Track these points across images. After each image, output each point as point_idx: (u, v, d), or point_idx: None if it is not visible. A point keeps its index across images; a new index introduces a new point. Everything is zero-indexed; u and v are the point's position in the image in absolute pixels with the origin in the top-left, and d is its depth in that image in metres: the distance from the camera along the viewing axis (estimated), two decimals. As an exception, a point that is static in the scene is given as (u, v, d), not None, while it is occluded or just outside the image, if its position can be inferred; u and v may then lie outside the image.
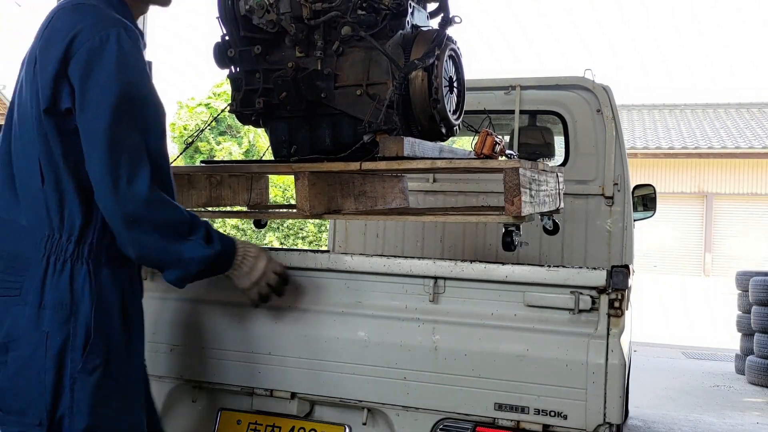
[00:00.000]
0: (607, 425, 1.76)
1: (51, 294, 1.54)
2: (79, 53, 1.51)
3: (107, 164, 1.51)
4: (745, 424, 5.28)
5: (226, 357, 2.09)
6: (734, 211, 20.41)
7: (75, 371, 1.52)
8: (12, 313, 1.55)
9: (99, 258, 1.59)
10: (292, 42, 2.30)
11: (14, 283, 1.56)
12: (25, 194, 1.60)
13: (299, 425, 2.07)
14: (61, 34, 1.54)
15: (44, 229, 1.57)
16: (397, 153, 2.06)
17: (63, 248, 1.56)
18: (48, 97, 1.54)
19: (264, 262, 1.82)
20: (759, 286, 6.74)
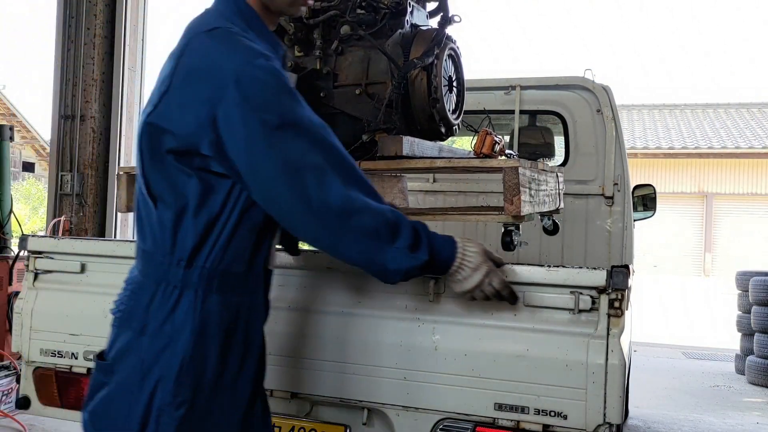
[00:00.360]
0: (607, 425, 1.75)
1: (153, 320, 1.47)
2: (229, 96, 1.38)
3: (293, 192, 1.42)
4: (745, 424, 5.28)
5: (224, 357, 2.08)
6: (734, 211, 20.43)
7: (164, 404, 1.44)
8: (121, 337, 1.51)
9: (210, 285, 1.49)
10: (291, 41, 2.29)
11: (128, 306, 1.52)
12: (146, 217, 1.54)
13: (299, 425, 2.06)
14: (201, 73, 1.42)
15: (158, 253, 1.50)
16: (396, 152, 2.05)
17: (173, 274, 1.48)
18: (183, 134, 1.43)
19: (481, 275, 1.63)
20: (759, 286, 6.74)
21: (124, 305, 1.54)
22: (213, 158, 1.43)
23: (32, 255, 2.34)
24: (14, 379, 4.44)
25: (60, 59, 6.02)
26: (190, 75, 1.43)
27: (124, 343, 1.50)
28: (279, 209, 1.46)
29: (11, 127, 5.41)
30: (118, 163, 6.01)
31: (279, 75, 1.44)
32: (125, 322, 1.51)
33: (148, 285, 1.50)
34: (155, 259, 1.50)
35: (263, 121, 1.39)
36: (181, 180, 1.46)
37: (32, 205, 20.60)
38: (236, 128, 1.39)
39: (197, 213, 1.46)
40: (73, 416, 2.33)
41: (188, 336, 1.46)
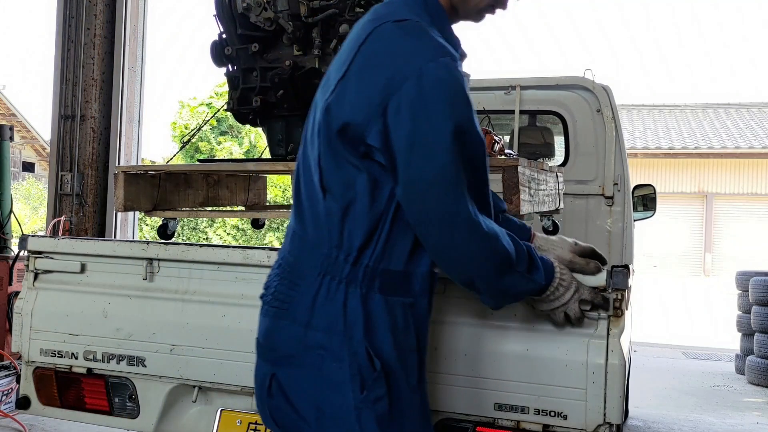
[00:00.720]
0: (607, 425, 1.75)
1: (321, 316, 1.42)
2: (406, 88, 1.33)
3: (439, 200, 1.38)
4: (745, 424, 5.27)
5: (226, 357, 2.08)
6: (734, 211, 20.44)
7: (358, 401, 1.40)
8: (280, 327, 1.47)
9: (372, 283, 1.44)
10: (289, 40, 2.29)
11: (285, 296, 1.48)
12: (309, 205, 1.49)
13: (298, 425, 2.06)
14: (384, 60, 1.37)
15: (323, 245, 1.45)
16: (396, 151, 2.04)
17: (339, 268, 1.43)
18: (355, 121, 1.38)
19: (570, 293, 1.63)
20: (759, 286, 6.73)
21: (281, 294, 1.49)
22: (378, 149, 1.38)
23: (32, 255, 2.34)
24: (14, 379, 4.44)
25: (60, 59, 6.02)
26: (371, 61, 1.38)
27: (290, 335, 1.45)
28: (419, 213, 1.41)
29: (11, 127, 5.41)
30: (118, 163, 6.01)
31: (461, 79, 1.39)
32: (285, 312, 1.47)
33: (310, 276, 1.45)
34: (320, 250, 1.45)
35: (433, 122, 1.35)
36: (351, 173, 1.41)
37: (32, 205, 20.60)
38: (404, 122, 1.35)
39: (367, 209, 1.42)
40: (73, 416, 2.33)
41: (362, 332, 1.41)
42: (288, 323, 1.46)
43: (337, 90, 1.40)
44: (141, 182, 2.44)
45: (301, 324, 1.44)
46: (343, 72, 1.41)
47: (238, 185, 2.69)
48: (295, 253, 1.50)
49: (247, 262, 2.08)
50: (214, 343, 2.09)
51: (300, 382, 1.44)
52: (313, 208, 1.47)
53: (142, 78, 6.34)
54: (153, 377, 2.17)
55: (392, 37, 1.39)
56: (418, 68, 1.33)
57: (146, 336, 2.16)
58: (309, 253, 1.47)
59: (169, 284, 2.17)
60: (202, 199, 2.51)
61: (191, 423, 2.19)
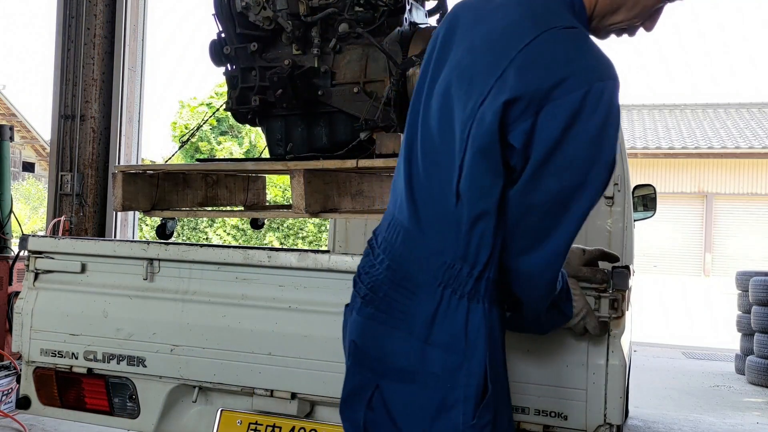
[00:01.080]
0: (607, 425, 1.75)
1: (442, 332, 1.33)
2: (570, 99, 1.24)
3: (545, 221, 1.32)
4: (745, 424, 5.27)
5: (226, 357, 2.08)
6: (734, 211, 20.43)
7: (467, 426, 1.31)
8: (392, 337, 1.37)
9: (492, 296, 1.36)
10: (288, 39, 2.29)
11: (400, 305, 1.37)
12: (431, 210, 1.38)
13: (299, 425, 2.06)
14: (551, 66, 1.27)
15: (446, 254, 1.35)
16: (394, 150, 2.05)
17: (462, 282, 1.34)
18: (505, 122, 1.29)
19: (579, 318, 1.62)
20: (759, 286, 6.73)
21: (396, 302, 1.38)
22: (517, 151, 1.29)
23: (32, 255, 2.34)
24: (14, 379, 4.44)
25: (60, 59, 6.02)
26: (536, 64, 1.28)
27: (405, 348, 1.35)
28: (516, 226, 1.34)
29: (11, 127, 5.41)
30: (117, 163, 6.00)
31: (619, 106, 1.31)
32: (400, 322, 1.36)
33: (428, 286, 1.35)
34: (440, 258, 1.35)
35: (579, 141, 1.26)
36: (490, 180, 1.32)
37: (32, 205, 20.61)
38: (554, 129, 1.26)
39: (498, 222, 1.33)
40: (73, 416, 2.33)
41: (482, 353, 1.33)
42: (404, 335, 1.35)
43: (494, 91, 1.29)
44: (139, 182, 2.44)
45: (419, 339, 1.34)
46: (500, 72, 1.29)
47: (237, 185, 2.69)
48: (408, 257, 1.39)
49: (247, 262, 2.08)
50: (214, 343, 2.09)
51: (409, 400, 1.35)
52: (438, 211, 1.37)
53: (142, 78, 6.33)
54: (153, 377, 2.17)
55: (563, 45, 1.30)
56: (587, 84, 1.25)
57: (146, 336, 2.16)
58: (427, 260, 1.36)
59: (170, 284, 2.17)
60: (200, 199, 2.50)
61: (191, 423, 2.19)
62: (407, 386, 1.35)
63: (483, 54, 1.35)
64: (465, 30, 1.42)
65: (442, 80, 1.40)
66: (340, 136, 2.30)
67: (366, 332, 1.40)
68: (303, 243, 14.67)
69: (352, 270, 1.98)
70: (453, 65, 1.39)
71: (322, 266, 2.03)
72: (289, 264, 2.03)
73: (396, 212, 1.44)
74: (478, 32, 1.38)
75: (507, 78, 1.28)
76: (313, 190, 2.12)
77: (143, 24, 6.32)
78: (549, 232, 1.32)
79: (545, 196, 1.30)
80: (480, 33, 1.38)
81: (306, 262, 2.04)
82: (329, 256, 2.04)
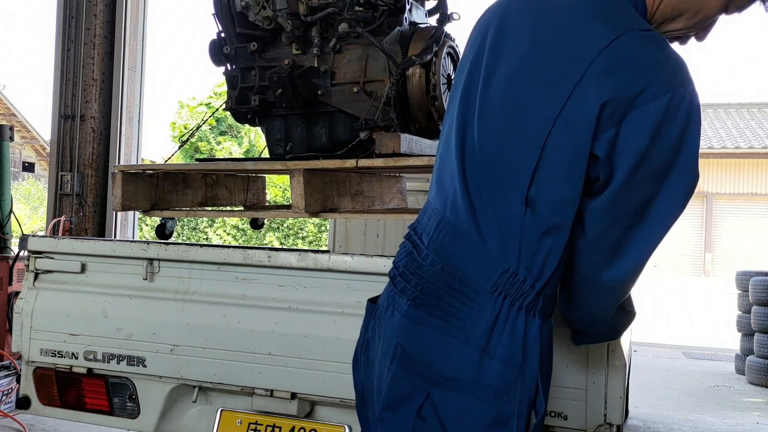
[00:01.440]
0: (607, 426, 1.75)
1: (500, 344, 1.27)
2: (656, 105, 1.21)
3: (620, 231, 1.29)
4: (745, 424, 5.27)
5: (226, 357, 2.08)
6: (734, 211, 20.42)
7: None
8: (446, 345, 1.29)
9: (547, 312, 1.33)
10: (288, 39, 2.29)
11: (456, 311, 1.30)
12: (492, 215, 1.30)
13: (299, 425, 2.06)
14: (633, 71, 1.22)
15: (509, 262, 1.28)
16: (394, 150, 2.05)
17: (524, 293, 1.28)
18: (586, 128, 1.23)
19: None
20: (759, 286, 6.73)
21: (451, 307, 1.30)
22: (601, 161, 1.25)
23: (32, 255, 2.34)
24: (14, 379, 4.44)
25: (60, 59, 6.02)
26: (616, 70, 1.23)
27: (461, 357, 1.28)
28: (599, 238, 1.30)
29: (11, 127, 5.40)
30: (117, 163, 6.00)
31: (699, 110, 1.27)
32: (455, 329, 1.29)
33: (486, 293, 1.28)
34: (501, 266, 1.28)
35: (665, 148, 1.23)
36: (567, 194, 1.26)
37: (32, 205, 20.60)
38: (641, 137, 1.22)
39: (568, 236, 1.29)
40: (73, 416, 2.33)
41: (535, 368, 1.29)
42: (459, 343, 1.28)
43: (574, 97, 1.24)
44: (139, 182, 2.44)
45: (476, 348, 1.27)
46: (579, 77, 1.24)
47: (236, 185, 2.69)
48: (466, 262, 1.31)
49: (247, 263, 2.08)
50: (214, 343, 2.09)
51: (463, 411, 1.28)
52: (501, 218, 1.29)
53: (142, 78, 6.33)
54: (153, 377, 2.17)
55: (643, 50, 1.25)
56: (671, 89, 1.21)
57: (146, 336, 2.16)
58: (487, 267, 1.29)
59: (170, 284, 2.17)
60: (200, 199, 2.50)
61: (191, 423, 2.19)
62: (461, 397, 1.28)
63: (555, 53, 1.29)
64: (523, 22, 1.35)
65: (504, 75, 1.33)
66: (340, 135, 2.30)
67: (415, 337, 1.33)
68: (303, 243, 14.67)
69: (352, 270, 1.99)
70: (517, 60, 1.32)
71: (322, 266, 2.02)
72: (289, 264, 2.03)
73: (447, 213, 1.36)
74: (543, 28, 1.32)
75: (589, 83, 1.23)
76: (312, 190, 2.12)
77: (143, 24, 6.32)
78: (634, 242, 1.29)
79: (632, 207, 1.26)
80: (545, 29, 1.32)
81: (306, 262, 2.04)
82: (329, 256, 2.04)
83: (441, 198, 1.39)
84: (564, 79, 1.25)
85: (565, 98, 1.24)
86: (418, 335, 1.32)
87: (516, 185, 1.27)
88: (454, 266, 1.31)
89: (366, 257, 2.03)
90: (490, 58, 1.36)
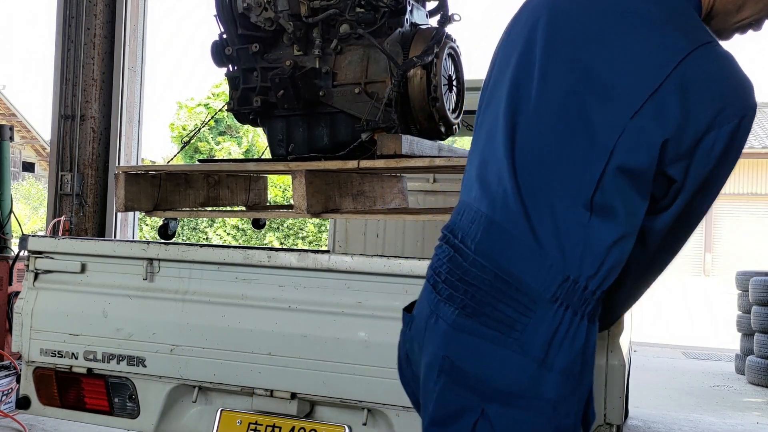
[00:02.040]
0: (607, 425, 1.75)
1: (561, 354, 1.20)
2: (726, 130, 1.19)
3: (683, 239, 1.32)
4: (745, 424, 5.27)
5: (226, 357, 2.08)
6: (734, 211, 20.42)
7: None
8: (501, 357, 1.22)
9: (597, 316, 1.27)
10: (290, 40, 2.29)
11: (511, 320, 1.22)
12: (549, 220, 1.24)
13: (299, 425, 2.06)
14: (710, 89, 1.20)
15: (569, 269, 1.22)
16: (395, 151, 2.05)
17: (583, 301, 1.22)
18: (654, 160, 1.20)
19: None
20: (759, 286, 6.73)
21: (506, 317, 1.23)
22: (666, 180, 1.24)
23: (32, 255, 2.34)
24: (14, 379, 4.44)
25: (60, 59, 6.02)
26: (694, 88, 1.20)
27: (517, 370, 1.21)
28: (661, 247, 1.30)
29: (11, 127, 5.40)
30: (118, 163, 6.00)
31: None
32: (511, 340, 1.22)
33: (545, 302, 1.21)
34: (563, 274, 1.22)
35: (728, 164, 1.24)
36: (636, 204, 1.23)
37: (32, 205, 20.61)
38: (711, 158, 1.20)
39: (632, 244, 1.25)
40: (73, 416, 2.33)
41: (590, 379, 1.24)
42: (515, 355, 1.21)
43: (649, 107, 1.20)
44: (142, 182, 2.44)
45: (535, 360, 1.20)
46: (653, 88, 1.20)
47: (238, 185, 2.69)
48: (522, 268, 1.24)
49: (247, 263, 2.08)
50: (214, 343, 2.09)
51: (522, 428, 1.22)
52: (561, 223, 1.23)
53: (142, 78, 6.33)
54: (153, 377, 2.17)
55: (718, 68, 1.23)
56: (743, 111, 1.21)
57: (146, 336, 2.16)
58: (544, 274, 1.22)
59: (169, 284, 2.17)
60: (202, 199, 2.51)
61: (191, 423, 2.19)
62: (519, 412, 1.21)
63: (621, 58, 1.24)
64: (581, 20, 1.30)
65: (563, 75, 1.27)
66: (342, 136, 2.30)
67: (465, 348, 1.25)
68: (303, 243, 14.67)
69: (352, 270, 1.99)
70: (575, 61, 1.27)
71: (322, 266, 2.03)
72: (289, 264, 2.03)
73: (496, 215, 1.28)
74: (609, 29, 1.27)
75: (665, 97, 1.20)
76: (314, 191, 2.12)
77: (143, 24, 6.32)
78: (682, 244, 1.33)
79: (697, 219, 1.28)
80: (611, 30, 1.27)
81: (306, 262, 2.04)
82: (329, 256, 2.04)
83: (487, 199, 1.31)
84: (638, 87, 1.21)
85: (637, 106, 1.20)
86: (469, 346, 1.25)
87: (578, 190, 1.22)
88: (508, 273, 1.24)
89: (366, 257, 2.03)
90: (545, 56, 1.30)
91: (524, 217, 1.24)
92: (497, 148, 1.31)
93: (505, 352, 1.21)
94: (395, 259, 1.96)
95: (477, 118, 1.47)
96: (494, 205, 1.28)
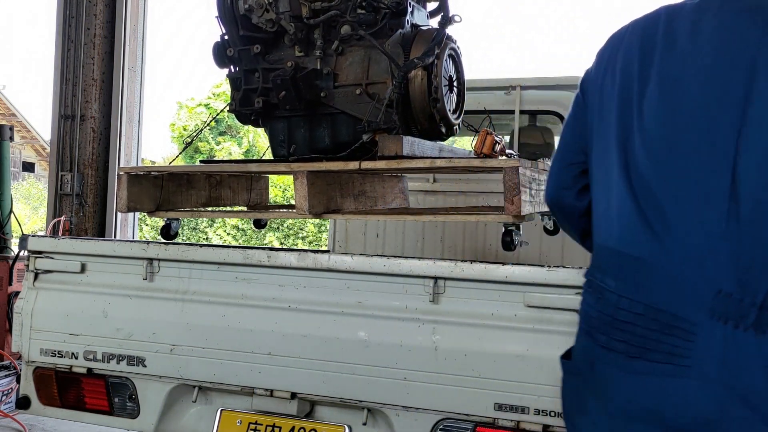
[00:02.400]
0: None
1: (737, 372, 1.15)
2: None
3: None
4: None
5: (226, 357, 2.09)
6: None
7: None
8: (680, 387, 1.18)
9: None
10: (291, 41, 2.30)
11: (680, 350, 1.18)
12: (683, 237, 1.20)
13: (299, 425, 2.06)
14: None
15: (716, 283, 1.17)
16: (396, 152, 2.05)
17: (744, 312, 1.16)
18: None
19: None
20: (759, 287, 6.74)
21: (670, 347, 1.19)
22: None
23: (32, 255, 2.34)
24: (14, 379, 4.44)
25: (60, 59, 6.02)
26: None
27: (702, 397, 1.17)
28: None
29: (11, 127, 5.41)
30: (118, 163, 6.01)
31: None
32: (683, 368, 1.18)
33: (705, 324, 1.17)
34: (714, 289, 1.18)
35: None
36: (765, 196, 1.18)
37: (32, 205, 20.60)
38: None
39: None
40: (73, 416, 2.33)
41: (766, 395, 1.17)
42: (694, 383, 1.17)
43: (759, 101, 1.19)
44: (144, 183, 2.45)
45: (716, 382, 1.16)
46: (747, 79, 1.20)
47: (240, 185, 2.69)
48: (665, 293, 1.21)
49: (247, 262, 2.08)
50: (214, 343, 2.10)
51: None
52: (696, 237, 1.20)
53: (142, 78, 6.34)
54: (153, 377, 2.18)
55: None
56: None
57: (146, 336, 2.16)
58: (693, 294, 1.19)
59: (169, 284, 2.17)
60: (204, 200, 2.51)
61: (191, 423, 2.19)
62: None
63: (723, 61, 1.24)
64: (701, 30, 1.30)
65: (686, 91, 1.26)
66: (343, 137, 2.30)
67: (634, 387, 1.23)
68: (303, 243, 14.67)
69: (352, 270, 1.99)
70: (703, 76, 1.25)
71: (322, 266, 2.03)
72: (289, 264, 2.04)
73: (624, 248, 1.27)
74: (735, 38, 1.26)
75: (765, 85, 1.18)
76: (316, 191, 2.13)
77: (143, 24, 6.32)
78: None
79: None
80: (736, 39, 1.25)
81: (306, 262, 2.04)
82: (329, 256, 2.04)
83: (612, 235, 1.30)
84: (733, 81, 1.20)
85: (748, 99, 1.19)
86: (642, 386, 1.22)
87: (711, 201, 1.19)
88: (657, 303, 1.21)
89: (366, 257, 2.03)
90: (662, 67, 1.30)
91: (655, 241, 1.22)
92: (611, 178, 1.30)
93: (684, 383, 1.18)
94: (395, 259, 1.96)
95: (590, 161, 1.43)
96: (621, 238, 1.27)
